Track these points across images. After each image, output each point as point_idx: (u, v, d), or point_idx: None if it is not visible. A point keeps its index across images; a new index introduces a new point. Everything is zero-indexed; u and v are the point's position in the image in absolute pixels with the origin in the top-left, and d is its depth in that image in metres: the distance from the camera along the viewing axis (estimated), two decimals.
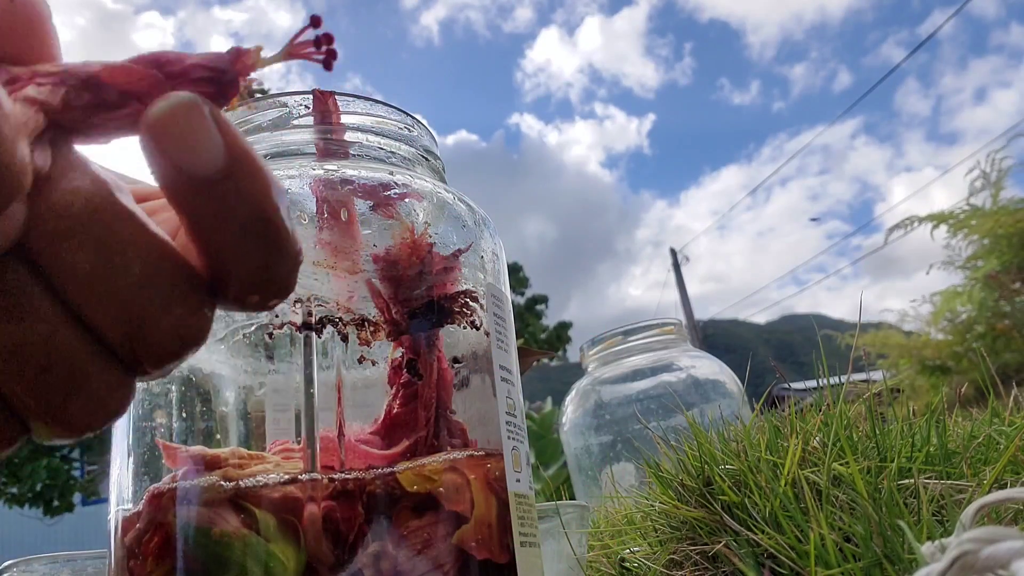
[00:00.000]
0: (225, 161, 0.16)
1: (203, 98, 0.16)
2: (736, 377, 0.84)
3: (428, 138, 0.37)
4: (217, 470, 0.27)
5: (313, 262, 0.29)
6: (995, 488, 0.35)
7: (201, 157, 0.15)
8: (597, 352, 0.90)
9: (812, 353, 0.52)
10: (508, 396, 0.32)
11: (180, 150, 0.15)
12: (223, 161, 0.16)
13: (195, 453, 0.28)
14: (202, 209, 0.16)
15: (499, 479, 0.30)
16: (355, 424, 0.29)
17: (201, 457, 0.27)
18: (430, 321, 0.30)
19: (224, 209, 0.16)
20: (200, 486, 0.26)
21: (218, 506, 0.26)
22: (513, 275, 13.68)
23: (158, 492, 0.27)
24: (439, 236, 0.32)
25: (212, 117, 0.16)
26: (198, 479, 0.27)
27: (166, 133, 0.15)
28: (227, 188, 0.16)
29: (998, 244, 3.21)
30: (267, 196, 0.16)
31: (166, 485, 0.27)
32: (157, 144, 0.15)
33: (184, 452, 0.28)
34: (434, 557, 0.27)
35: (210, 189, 0.16)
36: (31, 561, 0.46)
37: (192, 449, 0.28)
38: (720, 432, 0.46)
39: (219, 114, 0.16)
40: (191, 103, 0.16)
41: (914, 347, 3.39)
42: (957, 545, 0.21)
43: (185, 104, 0.16)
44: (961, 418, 0.54)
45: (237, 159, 0.16)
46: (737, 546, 0.36)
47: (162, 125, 0.15)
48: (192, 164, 0.15)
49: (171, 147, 0.15)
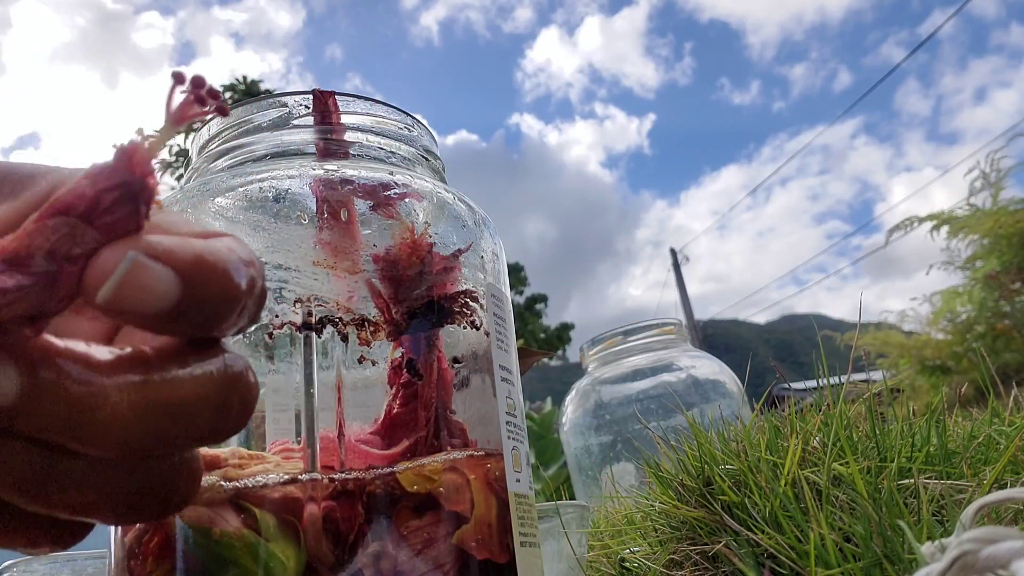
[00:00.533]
0: (182, 286, 0.16)
1: (135, 247, 0.16)
2: (736, 377, 0.84)
3: (428, 138, 0.37)
4: (217, 470, 0.27)
5: (313, 262, 0.29)
6: (995, 488, 0.35)
7: (159, 300, 0.16)
8: (597, 352, 0.90)
9: (812, 353, 0.52)
10: (508, 396, 0.32)
11: (139, 306, 0.16)
12: (180, 289, 0.16)
13: None
14: (176, 329, 0.17)
15: (499, 479, 0.30)
16: (355, 424, 0.29)
17: (201, 457, 0.27)
18: (430, 321, 0.30)
19: (195, 318, 0.16)
20: (200, 486, 0.26)
21: (218, 506, 0.26)
22: (513, 275, 13.68)
23: None
24: (439, 236, 0.32)
25: (152, 258, 0.16)
26: None
27: (121, 303, 0.15)
28: (192, 302, 0.16)
29: (998, 244, 3.21)
30: (230, 283, 0.17)
31: None
32: (115, 313, 0.16)
33: None
34: (434, 557, 0.27)
35: (177, 313, 0.16)
36: (31, 561, 0.46)
37: None
38: (720, 432, 0.46)
39: (155, 248, 0.16)
40: (133, 265, 0.16)
41: (914, 347, 3.39)
42: (957, 545, 0.21)
43: (129, 270, 0.16)
44: (961, 418, 0.54)
45: (190, 278, 0.16)
46: (737, 546, 0.36)
47: (114, 300, 0.15)
48: (153, 308, 0.16)
49: (129, 309, 0.16)
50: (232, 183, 0.31)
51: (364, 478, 0.27)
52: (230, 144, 0.34)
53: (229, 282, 0.17)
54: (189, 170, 0.35)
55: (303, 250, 0.29)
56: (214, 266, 0.17)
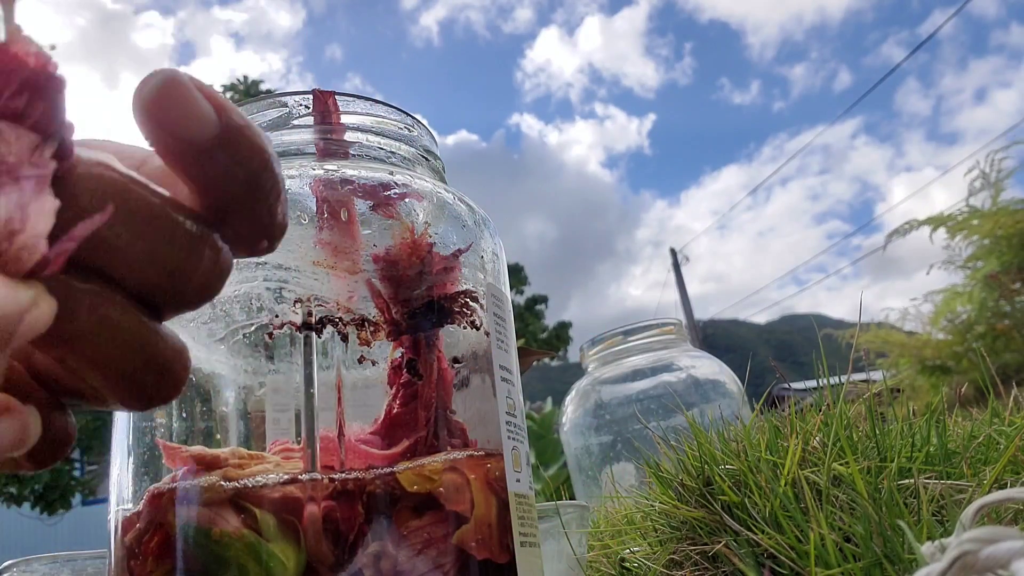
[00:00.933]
0: (218, 124, 0.17)
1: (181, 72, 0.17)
2: (736, 377, 0.84)
3: (428, 138, 0.37)
4: (217, 470, 0.27)
5: (313, 262, 0.29)
6: (995, 488, 0.35)
7: (197, 124, 0.17)
8: (597, 352, 0.90)
9: (812, 353, 0.52)
10: (508, 396, 0.32)
11: (176, 121, 0.17)
12: (216, 126, 0.17)
13: (195, 453, 0.28)
14: (207, 171, 0.17)
15: (499, 479, 0.30)
16: (355, 424, 0.29)
17: (201, 457, 0.27)
18: (430, 321, 0.30)
19: (227, 168, 0.17)
20: (200, 486, 0.26)
21: (218, 506, 0.26)
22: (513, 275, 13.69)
23: (158, 492, 0.27)
24: (439, 236, 0.32)
25: (196, 87, 0.17)
26: (198, 479, 0.27)
27: (160, 108, 0.16)
28: (226, 149, 0.17)
29: (998, 244, 3.21)
30: (262, 149, 0.18)
31: (166, 485, 0.27)
32: (153, 119, 0.16)
33: (184, 452, 0.28)
34: (434, 557, 0.27)
35: (211, 152, 0.17)
36: (31, 561, 0.46)
37: (192, 449, 0.28)
38: (720, 432, 0.46)
39: (200, 83, 0.17)
40: (175, 77, 0.17)
41: (914, 347, 3.39)
42: (957, 545, 0.21)
43: (171, 78, 0.17)
44: (961, 418, 0.54)
45: (228, 121, 0.17)
46: (737, 546, 0.36)
47: (155, 101, 0.16)
48: (189, 132, 0.17)
49: (167, 120, 0.17)
50: None
51: (364, 478, 0.27)
52: None
53: (262, 146, 0.18)
54: None
55: (303, 250, 0.29)
56: (252, 128, 0.18)
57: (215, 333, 0.29)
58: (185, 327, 0.29)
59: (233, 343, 0.29)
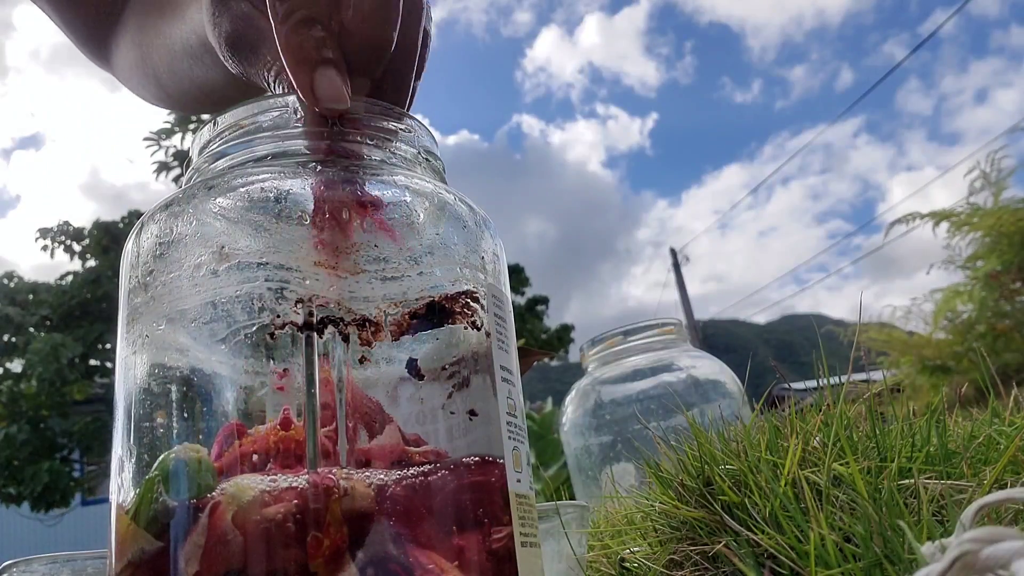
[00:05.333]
0: None
1: None
2: (736, 377, 0.84)
3: (428, 138, 0.37)
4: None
5: (315, 262, 0.29)
6: (995, 488, 0.35)
7: None
8: (597, 352, 0.90)
9: (812, 353, 0.52)
10: (509, 396, 0.32)
11: None
12: None
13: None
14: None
15: (499, 479, 0.30)
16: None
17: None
18: (431, 322, 0.30)
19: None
20: None
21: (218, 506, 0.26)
22: (514, 276, 13.67)
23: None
24: (440, 236, 0.32)
25: None
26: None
27: None
28: None
29: (999, 243, 3.21)
30: None
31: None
32: None
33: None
34: (434, 557, 0.27)
35: None
36: (31, 561, 0.46)
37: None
38: (720, 432, 0.46)
39: None
40: None
41: (915, 346, 3.39)
42: (957, 545, 0.21)
43: None
44: (961, 418, 0.54)
45: None
46: (737, 546, 0.36)
47: None
48: None
49: None
50: (233, 183, 0.31)
51: (364, 478, 0.27)
52: (231, 144, 0.34)
53: None
54: (190, 170, 0.35)
55: (304, 250, 0.29)
56: None
57: (216, 333, 0.29)
58: (186, 327, 0.29)
59: (234, 343, 0.29)
